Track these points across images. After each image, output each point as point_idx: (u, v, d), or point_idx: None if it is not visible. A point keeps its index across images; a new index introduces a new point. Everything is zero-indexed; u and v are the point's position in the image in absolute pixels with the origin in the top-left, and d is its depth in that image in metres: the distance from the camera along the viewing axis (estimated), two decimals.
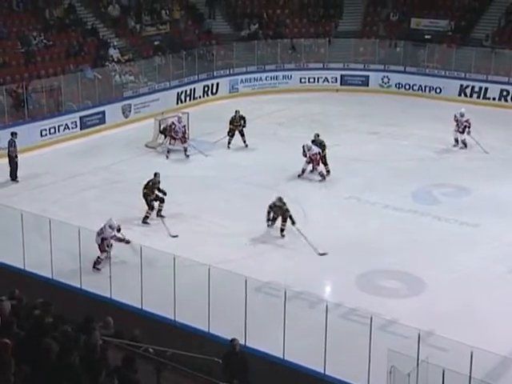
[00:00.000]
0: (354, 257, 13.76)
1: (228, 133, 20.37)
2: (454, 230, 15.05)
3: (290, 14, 29.81)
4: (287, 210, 14.52)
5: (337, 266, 13.45)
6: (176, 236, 14.40)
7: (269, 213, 14.69)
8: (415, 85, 26.74)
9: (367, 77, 27.51)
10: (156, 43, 26.63)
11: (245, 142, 20.48)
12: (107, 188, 17.32)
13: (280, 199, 14.62)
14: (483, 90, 25.55)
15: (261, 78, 27.41)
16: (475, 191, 17.06)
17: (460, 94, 25.92)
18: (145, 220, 15.15)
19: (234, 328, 10.29)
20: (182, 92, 25.23)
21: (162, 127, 20.45)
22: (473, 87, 25.75)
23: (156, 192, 15.25)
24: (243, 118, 20.44)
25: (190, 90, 25.53)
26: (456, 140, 20.52)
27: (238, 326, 10.28)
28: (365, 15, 29.90)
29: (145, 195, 15.21)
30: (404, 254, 13.93)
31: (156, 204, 15.33)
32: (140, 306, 11.22)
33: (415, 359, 8.69)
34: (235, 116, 20.44)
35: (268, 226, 14.76)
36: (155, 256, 11.77)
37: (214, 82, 26.35)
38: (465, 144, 20.40)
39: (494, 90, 25.28)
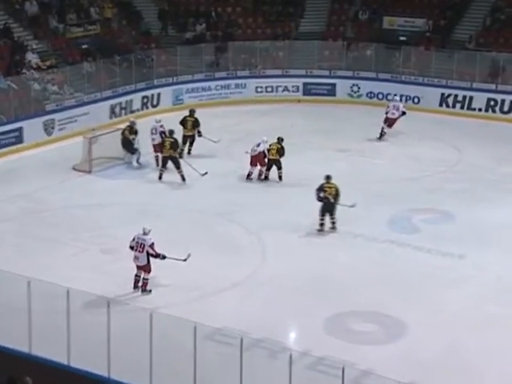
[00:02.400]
0: (322, 297, 13.88)
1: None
2: (437, 262, 15.32)
3: (242, 13, 30.18)
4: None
5: (302, 308, 13.53)
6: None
7: None
8: (389, 94, 27.23)
9: (334, 85, 27.97)
10: (84, 47, 26.60)
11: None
12: (27, 220, 17.12)
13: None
14: (467, 99, 26.26)
15: (210, 88, 27.61)
16: (459, 217, 17.45)
17: (441, 104, 26.59)
18: None
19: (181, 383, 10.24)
20: (116, 104, 25.21)
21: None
22: (456, 96, 26.42)
23: None
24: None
25: (126, 102, 25.54)
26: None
27: (187, 381, 10.22)
28: (330, 14, 30.47)
29: None
30: (380, 292, 14.10)
31: None
32: (66, 362, 11.05)
33: None
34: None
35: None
36: (85, 300, 11.62)
37: (155, 92, 26.44)
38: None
39: (479, 100, 25.96)
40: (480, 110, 26.02)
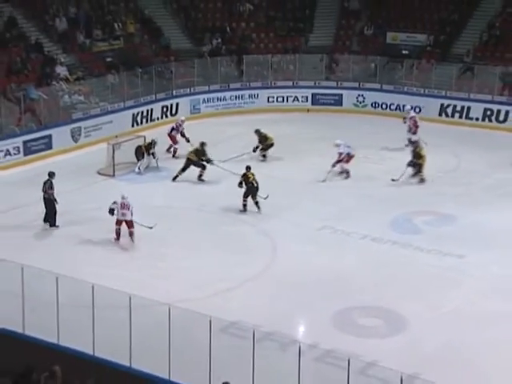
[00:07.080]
0: (330, 293, 13.81)
1: None
2: (438, 261, 15.21)
3: (255, 28, 30.19)
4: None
5: (311, 303, 13.46)
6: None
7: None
8: (392, 104, 27.17)
9: (341, 95, 27.89)
10: (108, 60, 26.64)
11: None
12: (57, 220, 17.10)
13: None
14: (465, 109, 26.12)
15: (225, 98, 27.60)
16: (459, 219, 17.34)
17: (441, 114, 26.44)
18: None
19: (197, 374, 10.19)
20: (137, 113, 25.21)
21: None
22: (454, 106, 26.28)
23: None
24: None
25: (147, 111, 25.53)
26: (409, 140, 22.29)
27: (202, 372, 10.19)
28: (337, 29, 30.41)
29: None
30: (384, 289, 14.01)
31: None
32: (92, 353, 11.04)
33: None
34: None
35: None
36: (108, 295, 11.61)
37: (174, 102, 26.43)
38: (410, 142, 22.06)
39: (476, 110, 25.82)
40: (477, 119, 25.92)
